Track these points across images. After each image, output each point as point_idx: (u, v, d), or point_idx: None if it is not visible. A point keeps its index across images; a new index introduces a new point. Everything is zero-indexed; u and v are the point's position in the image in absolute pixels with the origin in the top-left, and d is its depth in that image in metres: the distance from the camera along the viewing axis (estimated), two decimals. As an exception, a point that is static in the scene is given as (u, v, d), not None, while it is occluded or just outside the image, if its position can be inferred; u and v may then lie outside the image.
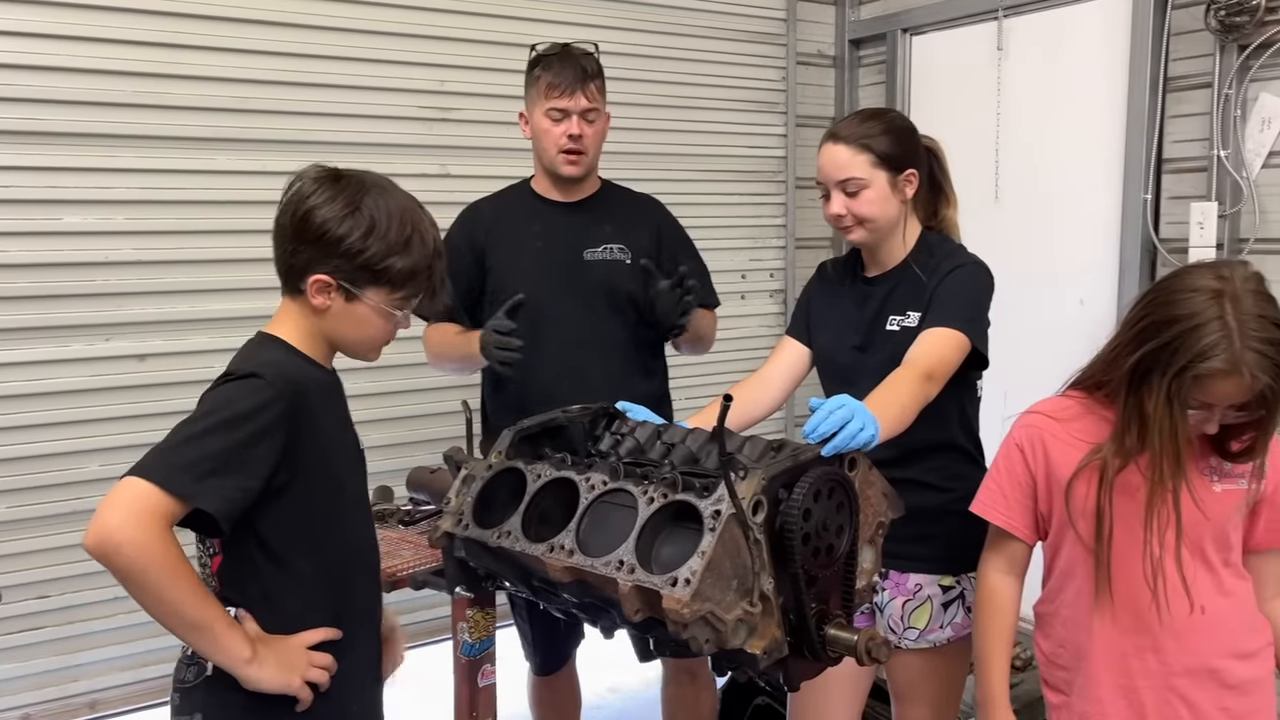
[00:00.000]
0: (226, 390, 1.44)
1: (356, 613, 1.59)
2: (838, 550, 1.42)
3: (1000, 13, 3.45)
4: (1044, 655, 1.81)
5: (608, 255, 2.41)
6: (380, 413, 3.10)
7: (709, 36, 3.68)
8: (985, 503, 1.80)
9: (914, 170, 1.93)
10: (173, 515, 1.35)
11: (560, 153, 2.33)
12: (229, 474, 1.38)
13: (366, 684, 1.64)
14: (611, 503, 1.47)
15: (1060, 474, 1.70)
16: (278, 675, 1.46)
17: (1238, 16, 2.77)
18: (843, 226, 1.95)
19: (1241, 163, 2.86)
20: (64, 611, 2.74)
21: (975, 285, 1.91)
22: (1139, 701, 1.67)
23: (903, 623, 1.96)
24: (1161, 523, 1.59)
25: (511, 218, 2.44)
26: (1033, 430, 1.76)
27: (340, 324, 1.54)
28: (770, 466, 1.37)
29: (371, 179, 1.55)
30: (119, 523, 1.32)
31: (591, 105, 2.32)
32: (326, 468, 1.53)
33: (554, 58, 2.35)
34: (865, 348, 1.96)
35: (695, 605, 1.28)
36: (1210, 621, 1.65)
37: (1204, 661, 1.65)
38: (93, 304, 2.71)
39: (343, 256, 1.49)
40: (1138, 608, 1.65)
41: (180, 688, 1.54)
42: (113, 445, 2.75)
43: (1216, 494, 1.65)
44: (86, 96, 2.64)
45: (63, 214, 2.65)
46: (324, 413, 1.54)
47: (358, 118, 3.01)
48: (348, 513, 1.59)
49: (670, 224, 2.54)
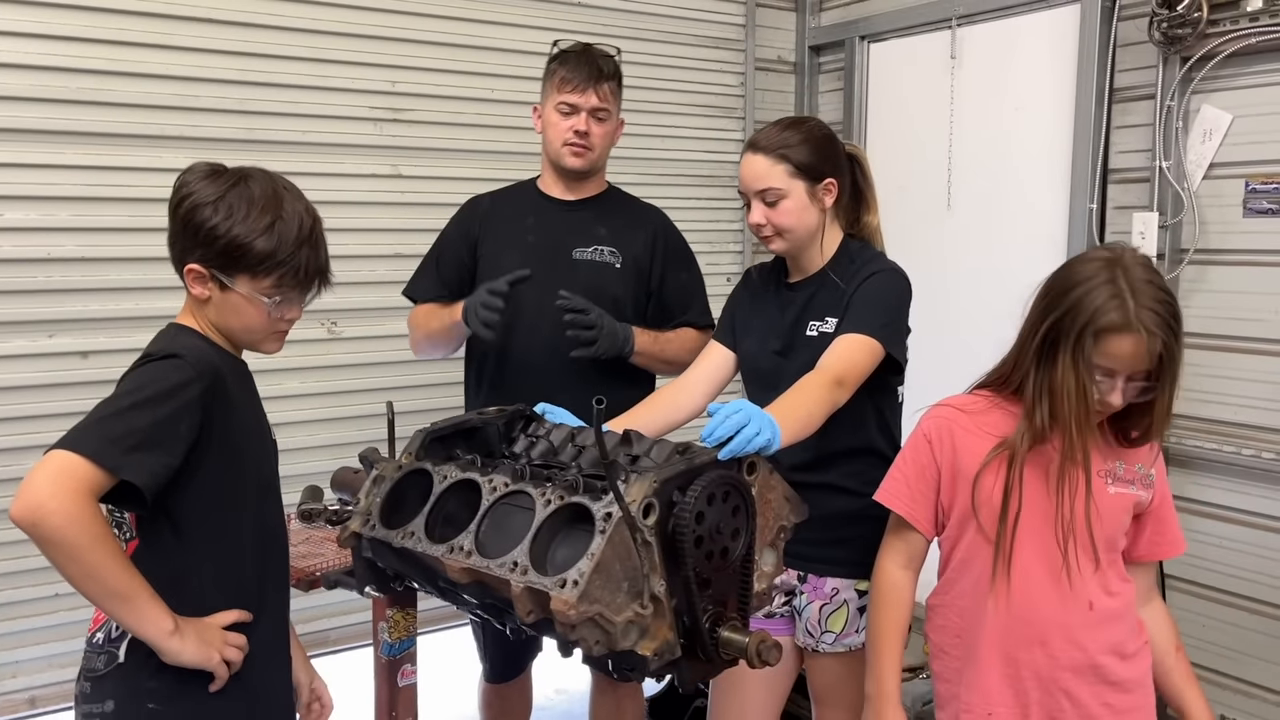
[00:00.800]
0: (149, 369, 1.47)
1: (265, 593, 1.63)
2: (733, 553, 1.43)
3: (954, 21, 3.47)
4: (935, 646, 1.84)
5: (597, 256, 2.40)
6: (327, 412, 3.11)
7: (667, 41, 3.70)
8: (889, 491, 1.83)
9: (833, 180, 1.95)
10: (100, 487, 1.38)
11: (565, 144, 2.33)
12: (153, 448, 1.41)
13: (274, 663, 1.67)
14: (513, 505, 1.48)
15: (966, 465, 1.74)
16: (197, 649, 1.48)
17: (1180, 29, 2.80)
18: (763, 236, 1.97)
19: (1183, 174, 2.89)
20: (3, 608, 2.74)
21: (890, 291, 1.92)
22: (1024, 692, 1.71)
23: (820, 626, 1.97)
24: (1073, 486, 1.65)
25: (509, 210, 2.45)
26: (941, 421, 1.79)
27: (220, 313, 1.57)
28: (662, 469, 1.38)
29: (252, 172, 1.57)
30: (50, 492, 1.33)
31: (602, 104, 2.33)
32: (239, 450, 1.56)
33: (573, 54, 2.36)
34: (786, 352, 1.98)
35: (582, 607, 1.29)
36: (1097, 618, 1.69)
37: (1089, 658, 1.69)
38: (36, 300, 2.71)
39: (205, 244, 1.52)
40: (1030, 598, 1.69)
41: (90, 676, 1.55)
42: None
43: (1110, 495, 1.70)
44: (30, 93, 2.65)
45: (4, 210, 2.65)
46: (239, 395, 1.58)
47: (307, 117, 3.02)
48: (258, 496, 1.62)
49: (670, 235, 2.50)
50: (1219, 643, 2.88)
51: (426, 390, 3.13)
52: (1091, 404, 1.62)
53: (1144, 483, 1.74)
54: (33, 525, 1.34)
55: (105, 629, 1.57)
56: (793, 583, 2.01)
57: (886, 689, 1.80)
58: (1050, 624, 1.69)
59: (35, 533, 1.34)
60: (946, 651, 1.81)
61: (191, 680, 1.51)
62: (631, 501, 1.33)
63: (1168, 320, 1.59)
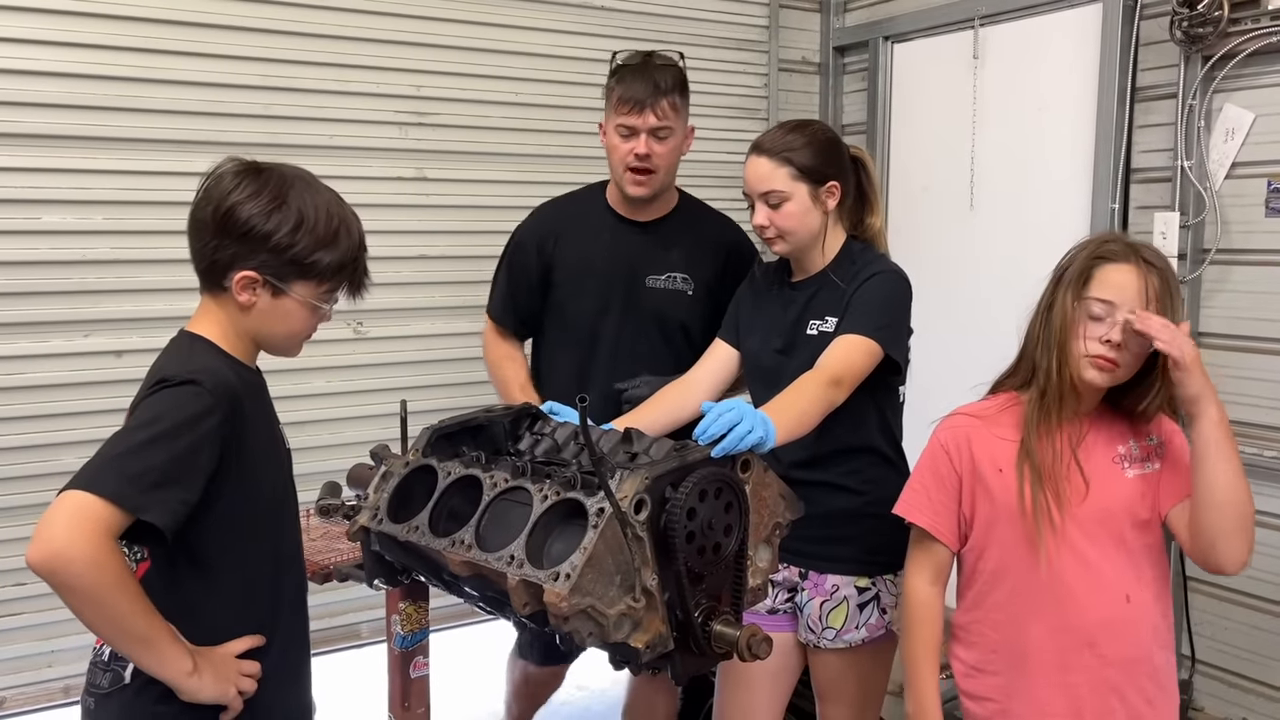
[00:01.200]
0: (165, 397, 1.41)
1: (280, 616, 1.60)
2: (725, 549, 1.46)
3: (977, 21, 3.47)
4: (966, 666, 1.81)
5: (670, 285, 2.39)
6: (350, 411, 3.17)
7: (690, 44, 3.72)
8: (909, 504, 1.82)
9: (836, 182, 1.97)
10: (119, 528, 1.32)
11: (627, 170, 2.30)
12: (172, 485, 1.36)
13: (288, 686, 1.64)
14: (513, 500, 1.52)
15: (985, 471, 1.73)
16: (215, 686, 1.46)
17: (1201, 28, 2.79)
18: (766, 237, 1.99)
19: (1205, 173, 2.87)
20: (40, 599, 2.81)
21: (890, 293, 1.94)
22: (1077, 698, 1.69)
23: (820, 622, 2.00)
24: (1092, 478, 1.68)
25: (581, 232, 2.43)
26: (957, 430, 1.79)
27: (265, 320, 1.54)
28: (654, 466, 1.42)
29: (293, 172, 1.55)
30: (68, 538, 1.28)
31: (662, 123, 2.26)
32: (256, 474, 1.53)
33: (629, 69, 2.30)
34: (787, 351, 2.00)
35: (574, 599, 1.33)
36: (1136, 611, 1.68)
37: (1135, 651, 1.68)
38: (71, 301, 2.80)
39: (271, 251, 1.48)
40: (1073, 600, 1.67)
41: (95, 693, 1.52)
42: (90, 439, 2.82)
43: (1129, 480, 1.69)
44: (66, 100, 2.73)
45: (42, 213, 2.74)
46: (256, 417, 1.54)
47: (333, 121, 3.08)
48: (273, 515, 1.59)
49: (744, 249, 2.48)
50: (1239, 645, 2.86)
51: (448, 390, 3.18)
52: (1080, 345, 1.65)
53: (1157, 453, 1.72)
54: (51, 573, 1.29)
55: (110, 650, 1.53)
56: (794, 579, 2.04)
57: (926, 707, 1.78)
58: (1095, 624, 1.67)
59: (54, 580, 1.29)
60: (983, 669, 1.78)
61: (201, 706, 1.47)
62: (623, 497, 1.37)
63: (1163, 267, 1.66)
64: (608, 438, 1.69)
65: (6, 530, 2.76)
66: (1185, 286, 2.89)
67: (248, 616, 1.55)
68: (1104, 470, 1.69)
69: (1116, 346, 1.63)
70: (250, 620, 1.55)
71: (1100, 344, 1.64)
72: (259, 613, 1.56)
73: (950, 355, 2.90)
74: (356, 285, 1.62)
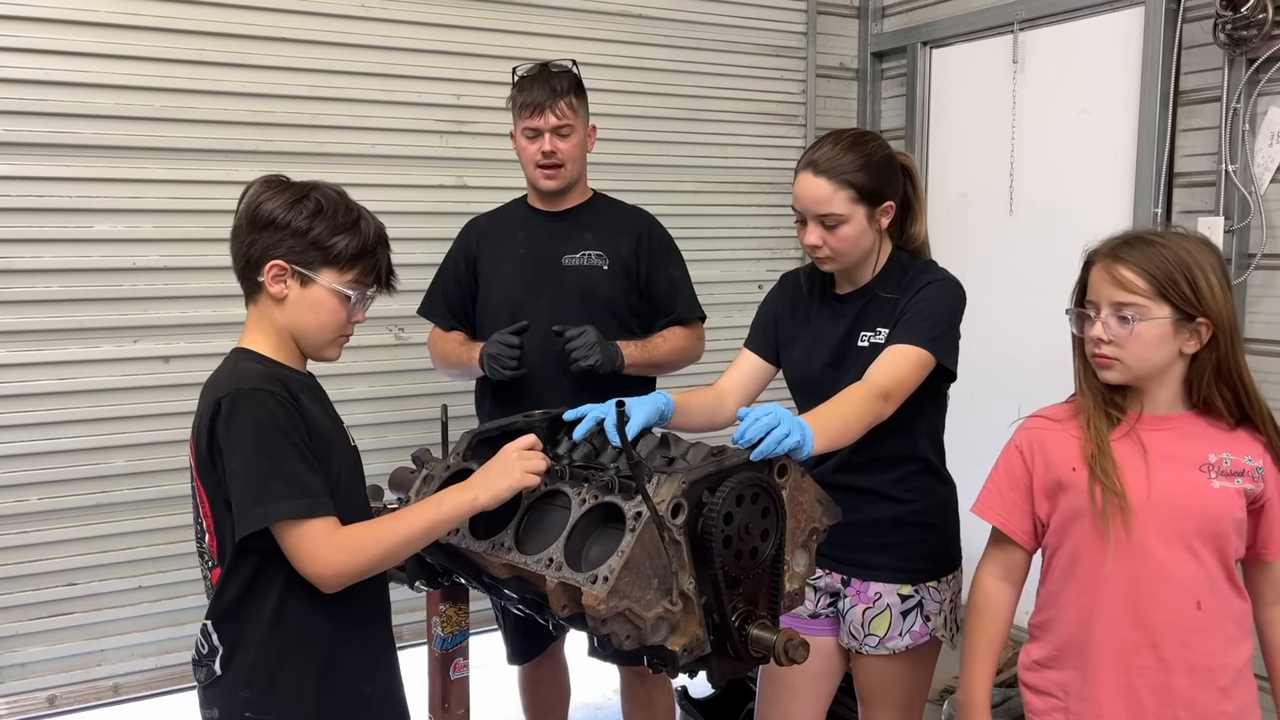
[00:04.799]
0: (241, 418, 1.51)
1: (364, 599, 1.65)
2: (762, 553, 1.47)
3: (1016, 26, 3.45)
4: (1034, 662, 1.80)
5: (585, 261, 2.51)
6: (393, 415, 3.22)
7: (727, 50, 3.75)
8: (983, 503, 1.82)
9: (892, 203, 1.95)
10: (333, 525, 1.52)
11: (537, 167, 2.46)
12: (314, 471, 1.53)
13: (381, 662, 1.71)
14: (552, 504, 1.54)
15: (1058, 471, 1.73)
16: (503, 483, 1.53)
17: (1245, 30, 2.76)
18: (817, 257, 1.97)
19: (1250, 177, 2.84)
20: (91, 599, 2.90)
21: (944, 301, 1.92)
22: (1138, 703, 1.66)
23: (863, 629, 1.99)
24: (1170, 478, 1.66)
25: (501, 228, 2.59)
26: (1031, 433, 1.80)
27: (298, 312, 1.62)
28: (691, 471, 1.43)
29: (318, 182, 1.65)
30: (324, 564, 1.50)
31: (563, 121, 2.42)
32: (327, 460, 1.60)
33: (527, 79, 2.47)
34: (838, 365, 1.98)
35: (612, 602, 1.34)
36: (1206, 619, 1.65)
37: (1203, 660, 1.65)
38: (121, 307, 2.87)
39: (294, 237, 1.59)
40: (1137, 599, 1.65)
41: (201, 684, 1.64)
42: (139, 442, 2.90)
43: (1213, 490, 1.65)
44: (116, 111, 2.80)
45: (93, 222, 2.81)
46: (314, 407, 1.62)
47: (375, 130, 3.13)
48: (350, 505, 1.64)
49: (656, 234, 2.60)
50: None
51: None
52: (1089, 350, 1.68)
53: (1253, 476, 1.67)
54: (345, 581, 1.53)
55: (199, 644, 1.63)
56: (836, 585, 2.04)
57: (976, 698, 1.78)
58: (1160, 626, 1.65)
59: (347, 581, 1.53)
60: (1048, 665, 1.77)
61: (281, 687, 1.58)
62: (660, 501, 1.38)
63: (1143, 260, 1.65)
64: (645, 442, 1.70)
65: (59, 531, 2.83)
66: (1230, 292, 2.85)
67: (334, 603, 1.59)
68: (1184, 475, 1.66)
69: (1105, 342, 1.66)
70: (333, 603, 1.59)
71: (1094, 344, 1.68)
72: (345, 597, 1.59)
73: (989, 362, 2.88)
74: (382, 279, 1.68)
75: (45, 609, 2.84)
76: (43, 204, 2.74)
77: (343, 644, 1.63)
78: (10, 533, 2.78)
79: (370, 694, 1.69)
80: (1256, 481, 1.67)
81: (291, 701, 1.59)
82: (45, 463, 2.80)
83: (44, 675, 2.86)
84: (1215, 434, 1.69)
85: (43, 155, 2.73)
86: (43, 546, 2.82)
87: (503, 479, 1.53)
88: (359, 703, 1.66)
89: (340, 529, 1.52)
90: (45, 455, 2.80)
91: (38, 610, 2.83)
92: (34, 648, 2.83)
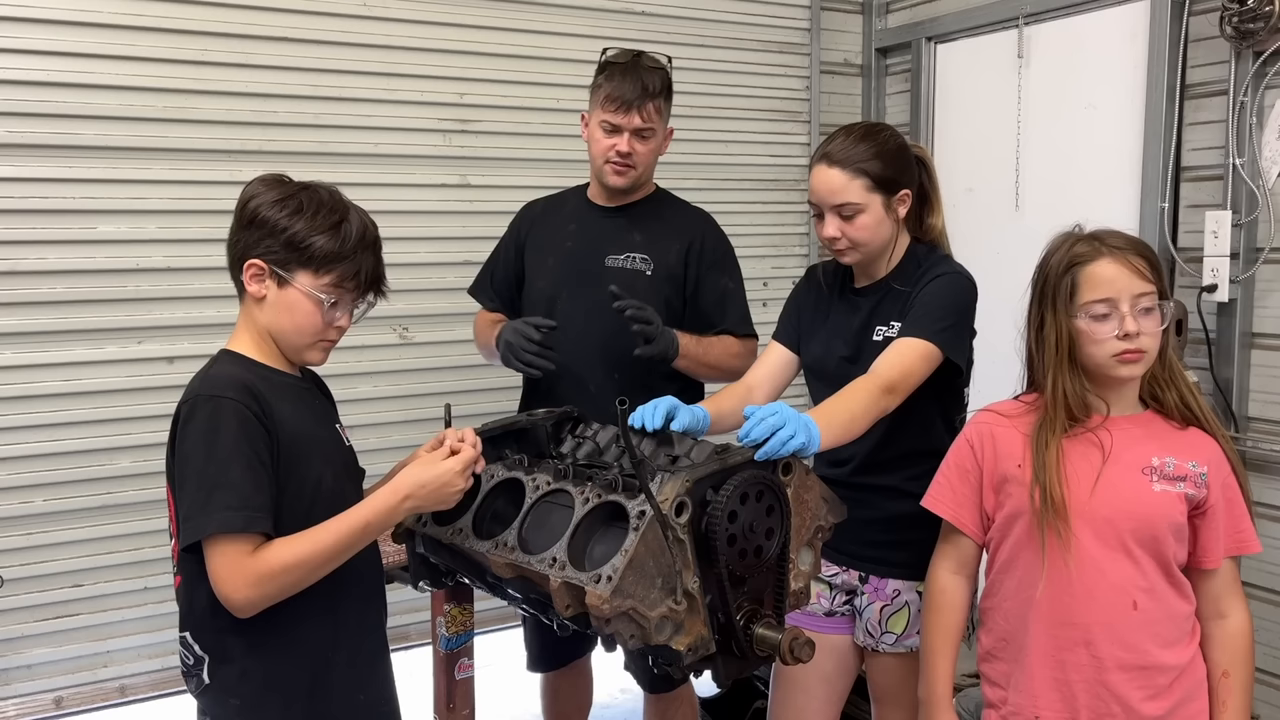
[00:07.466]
0: (198, 424, 1.50)
1: (354, 601, 1.63)
2: (767, 552, 1.46)
3: (1021, 21, 3.43)
4: (984, 650, 1.84)
5: (628, 264, 2.42)
6: (397, 415, 3.21)
7: (731, 47, 3.73)
8: (934, 496, 1.84)
9: (908, 190, 1.95)
10: (256, 542, 1.47)
11: (607, 162, 2.36)
12: (261, 489, 1.49)
13: (374, 669, 1.69)
14: (555, 503, 1.54)
15: (1006, 466, 1.75)
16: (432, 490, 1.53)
17: (1252, 23, 2.74)
18: (836, 249, 1.96)
19: (1258, 171, 2.82)
20: (97, 600, 2.89)
21: (952, 294, 1.92)
22: (1072, 696, 1.69)
23: (880, 627, 1.99)
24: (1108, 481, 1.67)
25: (555, 217, 2.52)
26: (982, 426, 1.82)
27: (274, 313, 1.59)
28: (695, 469, 1.42)
29: (315, 184, 1.62)
30: (233, 587, 1.46)
31: (647, 124, 2.32)
32: (302, 462, 1.57)
33: (618, 67, 2.34)
34: (855, 359, 1.98)
35: (615, 601, 1.34)
36: (1142, 619, 1.67)
37: (1138, 658, 1.67)
38: (125, 309, 2.86)
39: (271, 235, 1.56)
40: (1072, 598, 1.67)
41: (193, 694, 1.64)
42: (144, 443, 2.89)
43: (1153, 494, 1.67)
44: (120, 112, 2.79)
45: (97, 223, 2.80)
46: (293, 410, 1.58)
47: (378, 130, 3.11)
48: (336, 506, 1.59)
49: (711, 241, 2.48)
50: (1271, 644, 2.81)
51: (492, 394, 3.20)
52: (1076, 354, 1.68)
53: (1195, 482, 1.69)
54: (253, 609, 1.48)
55: (184, 656, 1.61)
56: (854, 583, 2.03)
57: (938, 693, 1.82)
58: (1094, 624, 1.67)
59: (257, 608, 1.49)
60: (995, 655, 1.81)
61: (271, 694, 1.56)
62: (664, 500, 1.37)
63: (1139, 247, 1.69)
64: (649, 441, 1.70)
65: (66, 533, 2.82)
66: (1239, 286, 2.84)
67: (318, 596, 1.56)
68: (1126, 478, 1.68)
69: (1134, 335, 1.65)
70: (322, 600, 1.57)
71: (1119, 340, 1.66)
72: (330, 592, 1.57)
73: (996, 358, 2.86)
74: (362, 285, 1.62)
75: (51, 610, 2.83)
76: (46, 205, 2.73)
77: (335, 650, 1.61)
78: (16, 534, 2.77)
79: (364, 701, 1.67)
80: (1199, 487, 1.69)
81: (282, 709, 1.58)
82: (50, 464, 2.79)
83: (50, 677, 2.85)
84: (1169, 433, 1.73)
85: (46, 157, 2.72)
86: (49, 548, 2.81)
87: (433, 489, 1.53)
88: (352, 710, 1.64)
89: (256, 554, 1.47)
90: (51, 457, 2.79)
91: (44, 612, 2.82)
92: (40, 649, 2.83)
